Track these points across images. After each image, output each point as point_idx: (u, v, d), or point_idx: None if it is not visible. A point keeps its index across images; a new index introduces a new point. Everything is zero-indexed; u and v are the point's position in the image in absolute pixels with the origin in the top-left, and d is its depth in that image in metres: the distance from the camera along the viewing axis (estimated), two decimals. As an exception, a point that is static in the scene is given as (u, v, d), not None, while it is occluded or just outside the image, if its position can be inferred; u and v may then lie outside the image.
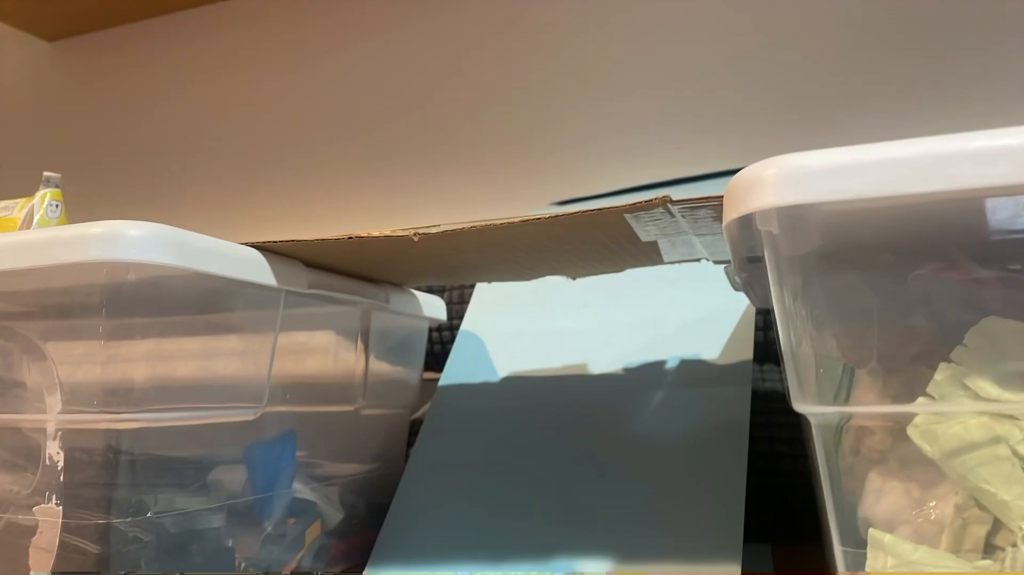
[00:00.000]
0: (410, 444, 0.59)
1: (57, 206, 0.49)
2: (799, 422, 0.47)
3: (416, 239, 0.39)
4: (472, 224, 0.38)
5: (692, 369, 0.51)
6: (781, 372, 0.51)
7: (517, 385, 0.55)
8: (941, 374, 0.26)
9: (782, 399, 0.54)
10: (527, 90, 0.81)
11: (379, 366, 0.54)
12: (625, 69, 0.78)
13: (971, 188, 0.23)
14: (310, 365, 0.48)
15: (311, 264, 0.45)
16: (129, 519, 0.36)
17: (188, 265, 0.36)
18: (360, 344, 0.52)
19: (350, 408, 0.52)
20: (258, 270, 0.41)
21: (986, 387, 0.25)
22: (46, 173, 0.50)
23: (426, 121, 0.85)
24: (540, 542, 0.44)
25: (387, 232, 0.40)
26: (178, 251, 0.35)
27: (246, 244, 0.41)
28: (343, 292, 0.48)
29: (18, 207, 0.50)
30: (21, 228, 0.49)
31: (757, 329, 0.53)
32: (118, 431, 0.36)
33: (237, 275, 0.39)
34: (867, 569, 0.27)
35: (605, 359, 0.54)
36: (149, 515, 0.37)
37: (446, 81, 0.85)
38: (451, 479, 0.49)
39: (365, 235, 0.40)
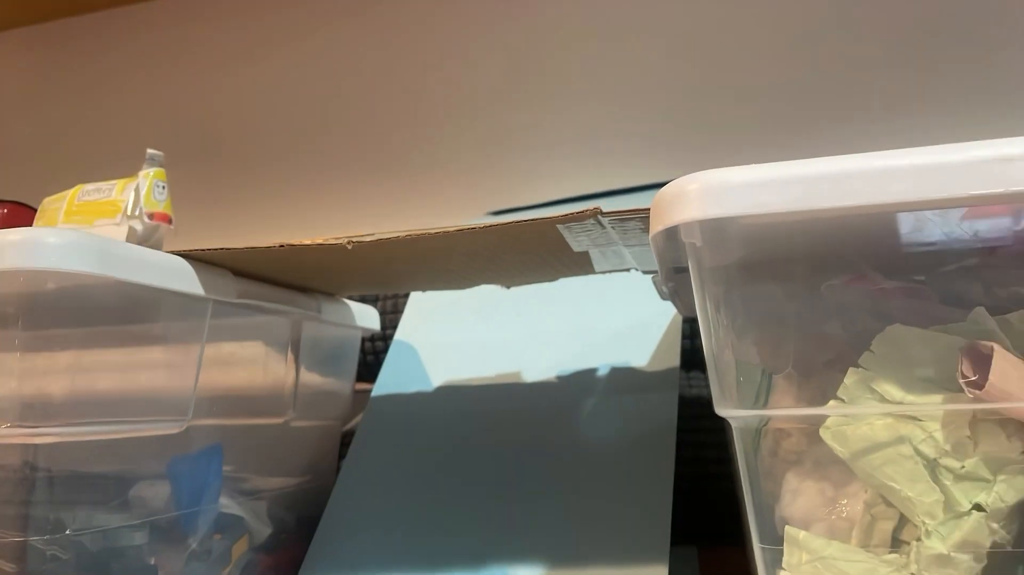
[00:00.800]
0: (342, 456, 0.58)
1: (163, 188, 0.44)
2: (724, 427, 0.48)
3: (350, 247, 0.39)
4: (407, 233, 0.38)
5: (622, 376, 0.52)
6: (707, 379, 0.53)
7: (451, 395, 0.55)
8: (850, 378, 0.28)
9: (708, 405, 0.55)
10: (464, 102, 0.82)
11: (310, 377, 0.53)
12: (561, 85, 0.79)
13: (875, 204, 0.25)
14: (238, 377, 0.47)
15: (240, 273, 0.44)
16: (47, 537, 0.34)
17: (109, 273, 0.35)
18: (290, 355, 0.51)
19: (279, 420, 0.51)
20: (184, 279, 0.40)
21: (891, 390, 0.27)
22: (150, 151, 0.44)
23: (361, 131, 0.85)
24: (472, 551, 0.44)
25: (320, 240, 0.39)
26: (99, 259, 0.34)
27: (172, 252, 0.40)
28: (273, 302, 0.47)
29: (117, 189, 0.44)
30: (125, 212, 0.43)
31: (684, 337, 0.54)
32: (35, 446, 0.34)
33: (162, 284, 0.38)
34: (783, 565, 0.28)
35: (538, 368, 0.54)
36: (68, 533, 0.35)
37: (381, 91, 0.84)
38: (383, 491, 0.49)
39: (297, 243, 0.40)
